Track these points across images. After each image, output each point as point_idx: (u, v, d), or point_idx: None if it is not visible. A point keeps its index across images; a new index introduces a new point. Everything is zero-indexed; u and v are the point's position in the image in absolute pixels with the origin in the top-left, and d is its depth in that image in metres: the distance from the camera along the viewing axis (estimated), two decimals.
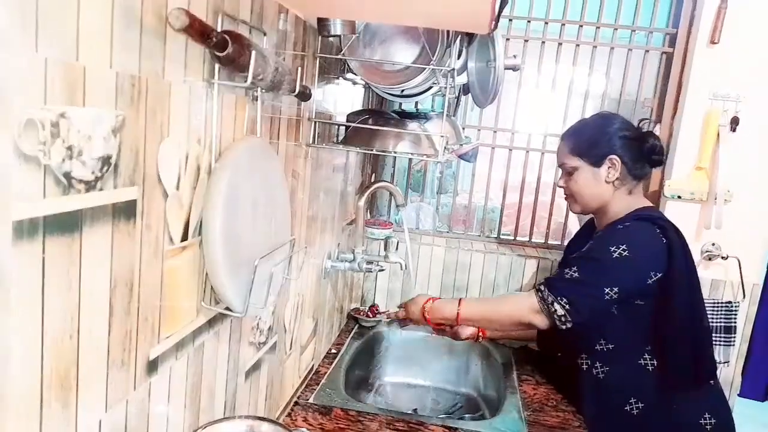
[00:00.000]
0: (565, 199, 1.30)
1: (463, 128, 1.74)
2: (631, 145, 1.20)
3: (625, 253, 1.09)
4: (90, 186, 0.47)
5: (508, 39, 1.72)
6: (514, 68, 1.25)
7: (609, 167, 1.19)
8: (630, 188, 1.22)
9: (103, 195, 0.48)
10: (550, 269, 1.72)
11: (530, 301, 1.14)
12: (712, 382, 1.21)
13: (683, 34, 1.66)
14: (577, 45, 1.71)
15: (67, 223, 0.44)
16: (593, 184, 1.21)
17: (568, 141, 1.25)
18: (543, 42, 1.72)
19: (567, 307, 1.10)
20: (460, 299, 1.25)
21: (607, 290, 1.09)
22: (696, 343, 1.14)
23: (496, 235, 1.83)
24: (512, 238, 1.82)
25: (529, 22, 1.72)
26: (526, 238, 1.82)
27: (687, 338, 1.13)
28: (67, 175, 0.44)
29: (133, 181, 0.52)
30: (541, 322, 1.14)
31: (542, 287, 1.15)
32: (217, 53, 0.58)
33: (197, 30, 0.52)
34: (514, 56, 1.24)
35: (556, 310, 1.11)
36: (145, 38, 0.51)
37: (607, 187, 1.20)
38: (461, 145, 1.45)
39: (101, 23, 0.46)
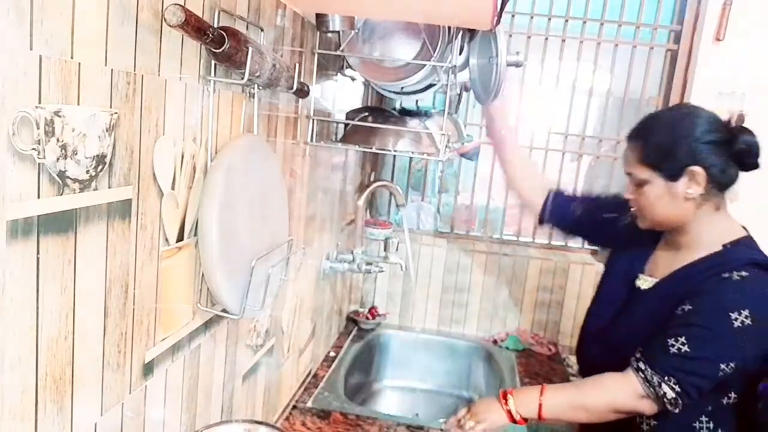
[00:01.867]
0: (633, 212, 1.05)
1: (465, 126, 1.73)
2: (716, 150, 0.96)
3: (748, 321, 0.88)
4: (85, 185, 0.46)
5: (510, 35, 1.70)
6: (517, 65, 1.24)
7: (689, 181, 0.95)
8: (717, 203, 0.99)
9: (97, 194, 0.48)
10: (553, 271, 1.71)
11: (631, 386, 0.93)
12: None
13: (688, 31, 1.64)
14: (581, 42, 1.69)
15: (61, 223, 0.44)
16: (668, 201, 0.97)
17: (635, 145, 1.00)
18: (546, 38, 1.71)
19: (677, 389, 0.90)
20: (542, 385, 1.00)
21: (722, 366, 0.90)
22: None
23: (498, 236, 1.82)
24: (515, 238, 1.81)
25: (532, 18, 1.71)
26: (529, 239, 1.81)
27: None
28: (62, 174, 0.43)
29: (128, 180, 0.51)
30: (649, 408, 0.93)
31: (643, 366, 0.93)
32: (214, 50, 0.57)
33: (193, 26, 0.51)
34: (517, 53, 1.23)
35: (665, 393, 0.90)
36: (141, 35, 0.51)
37: (687, 205, 0.97)
38: (463, 143, 1.44)
39: (96, 20, 0.45)
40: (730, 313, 0.89)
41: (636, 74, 1.70)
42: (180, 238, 0.62)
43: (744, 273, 0.92)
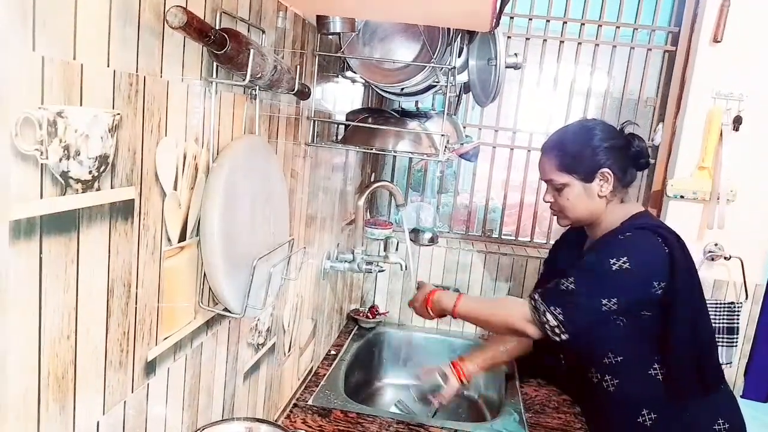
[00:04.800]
0: (553, 214, 1.25)
1: (464, 127, 1.73)
2: (618, 154, 1.15)
3: (626, 265, 1.06)
4: (87, 186, 0.46)
5: (509, 37, 1.71)
6: (516, 66, 1.24)
7: (601, 181, 1.15)
8: (622, 197, 1.19)
9: (100, 195, 0.48)
10: None
11: (523, 310, 1.11)
12: (722, 386, 1.19)
13: (686, 33, 1.65)
14: (579, 43, 1.70)
15: (64, 223, 0.44)
16: (585, 199, 1.16)
17: (551, 155, 1.18)
18: (545, 40, 1.72)
19: (560, 318, 1.07)
20: (459, 294, 1.23)
21: (604, 301, 1.06)
22: (698, 351, 1.12)
23: (497, 236, 1.83)
24: (514, 238, 1.82)
25: (530, 19, 1.71)
26: (528, 239, 1.82)
27: (689, 347, 1.11)
28: (65, 175, 0.44)
29: (130, 180, 0.52)
30: (534, 332, 1.10)
31: (536, 296, 1.11)
32: (216, 51, 0.57)
33: (195, 28, 0.51)
34: (516, 54, 1.23)
35: (548, 321, 1.07)
36: (143, 36, 0.51)
37: (600, 201, 1.16)
38: (462, 144, 1.44)
39: (99, 21, 0.45)
40: (610, 259, 1.07)
41: (634, 76, 1.70)
42: (182, 238, 0.62)
43: (628, 233, 1.11)
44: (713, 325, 1.64)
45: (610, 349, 1.16)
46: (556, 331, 1.08)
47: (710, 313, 1.62)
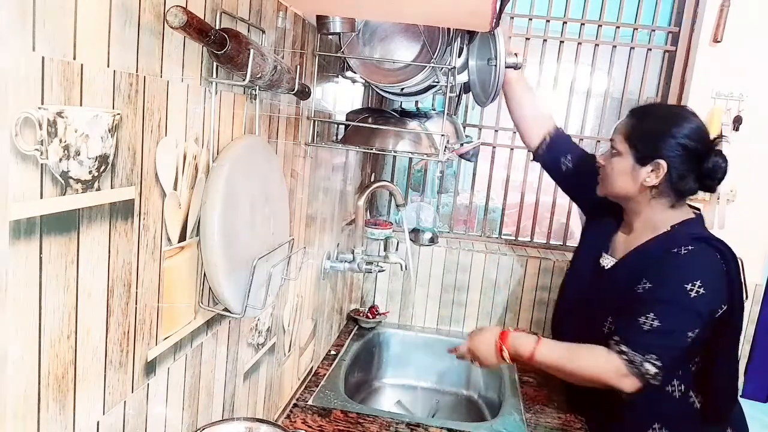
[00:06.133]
0: (598, 180, 1.16)
1: (464, 127, 1.73)
2: (689, 158, 1.04)
3: (702, 290, 0.98)
4: (87, 186, 0.46)
5: (509, 37, 1.71)
6: (516, 66, 1.24)
7: (652, 170, 1.05)
8: (673, 202, 1.09)
9: (100, 195, 0.48)
10: (551, 270, 1.71)
11: (615, 365, 1.00)
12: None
13: (686, 33, 1.65)
14: (579, 43, 1.70)
15: (64, 223, 0.44)
16: (628, 178, 1.07)
17: (629, 121, 1.10)
18: (545, 40, 1.72)
19: (658, 364, 0.98)
20: (538, 336, 1.09)
21: (690, 334, 0.99)
22: (735, 377, 1.08)
23: (497, 236, 1.83)
24: (514, 238, 1.82)
25: (530, 20, 1.71)
26: (528, 239, 1.82)
27: (729, 373, 1.06)
28: (65, 175, 0.44)
29: (130, 180, 0.52)
30: (632, 385, 1.00)
31: (625, 348, 0.99)
32: (216, 51, 0.57)
33: (195, 28, 0.51)
34: (516, 54, 1.23)
35: (647, 370, 0.98)
36: (143, 36, 0.51)
37: (638, 188, 1.07)
38: (462, 144, 1.44)
39: (99, 21, 0.45)
40: (686, 285, 0.99)
41: (634, 76, 1.70)
42: (182, 238, 0.62)
43: (690, 247, 1.03)
44: None
45: None
46: (658, 377, 0.99)
47: None
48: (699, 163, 1.05)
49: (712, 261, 1.03)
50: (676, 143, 1.04)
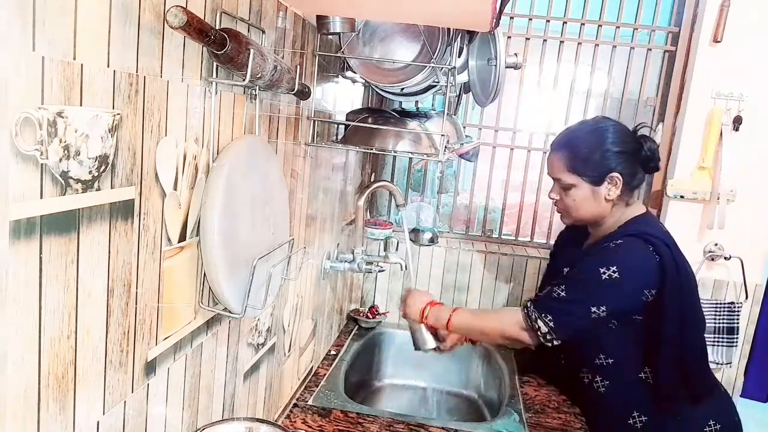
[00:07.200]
0: (557, 211, 1.26)
1: (464, 127, 1.73)
2: (629, 158, 1.15)
3: (615, 275, 1.07)
4: (87, 186, 0.46)
5: (509, 37, 1.71)
6: (516, 66, 1.25)
7: (609, 185, 1.14)
8: (627, 200, 1.19)
9: (100, 195, 0.48)
10: None
11: (517, 318, 1.15)
12: (715, 392, 1.18)
13: (686, 33, 1.65)
14: (579, 43, 1.70)
15: (64, 223, 0.44)
16: (592, 202, 1.16)
17: (561, 155, 1.17)
18: (545, 40, 1.72)
19: (551, 324, 1.10)
20: (455, 308, 1.24)
21: (593, 309, 1.09)
22: (686, 362, 1.11)
23: (497, 235, 1.83)
24: (513, 238, 1.82)
25: (530, 20, 1.71)
26: (528, 239, 1.82)
27: (673, 357, 1.10)
28: (65, 175, 0.44)
29: (130, 180, 0.52)
30: (528, 338, 1.14)
31: (529, 304, 1.15)
32: (216, 51, 0.57)
33: (195, 28, 0.51)
34: (516, 54, 1.24)
35: (539, 327, 1.11)
36: (143, 37, 0.51)
37: (606, 205, 1.17)
38: (462, 144, 1.44)
39: (99, 21, 0.45)
40: (600, 268, 1.09)
41: (634, 76, 1.70)
42: (182, 238, 0.62)
43: (619, 241, 1.12)
44: (713, 325, 1.64)
45: (602, 351, 1.17)
46: (548, 337, 1.11)
47: (710, 313, 1.63)
48: (638, 156, 1.15)
49: (639, 252, 1.10)
50: (615, 152, 1.14)
